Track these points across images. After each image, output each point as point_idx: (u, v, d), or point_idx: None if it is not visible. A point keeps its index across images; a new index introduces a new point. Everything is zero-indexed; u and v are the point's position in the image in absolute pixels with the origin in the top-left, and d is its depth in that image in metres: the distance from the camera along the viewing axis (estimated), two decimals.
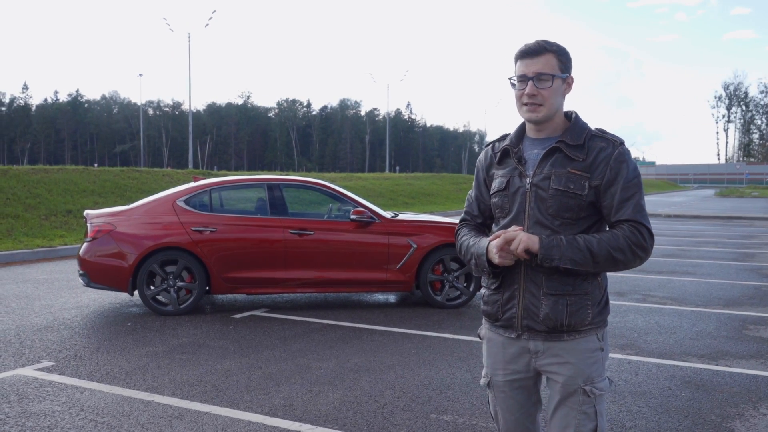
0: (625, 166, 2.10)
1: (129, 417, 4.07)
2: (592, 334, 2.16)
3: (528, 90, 2.11)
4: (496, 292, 2.21)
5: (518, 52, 2.15)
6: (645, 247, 2.08)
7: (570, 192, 2.09)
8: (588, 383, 2.13)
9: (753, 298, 8.32)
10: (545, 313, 2.11)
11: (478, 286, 7.56)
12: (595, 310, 2.14)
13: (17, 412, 4.13)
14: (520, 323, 2.16)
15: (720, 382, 4.86)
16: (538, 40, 2.14)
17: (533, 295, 2.13)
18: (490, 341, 2.29)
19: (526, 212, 2.14)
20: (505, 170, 2.22)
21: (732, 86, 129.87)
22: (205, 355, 5.48)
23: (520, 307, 2.15)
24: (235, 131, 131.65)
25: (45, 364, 5.19)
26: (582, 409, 2.13)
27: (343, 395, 4.51)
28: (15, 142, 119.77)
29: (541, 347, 2.16)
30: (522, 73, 2.13)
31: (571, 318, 2.11)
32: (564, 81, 2.15)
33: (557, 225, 2.11)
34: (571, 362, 2.13)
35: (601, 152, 2.11)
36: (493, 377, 2.28)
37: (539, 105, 2.11)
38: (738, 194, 57.79)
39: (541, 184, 2.12)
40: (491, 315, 2.24)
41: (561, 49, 2.14)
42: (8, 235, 12.81)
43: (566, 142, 2.13)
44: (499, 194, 2.21)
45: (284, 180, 7.81)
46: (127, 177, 19.91)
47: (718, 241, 16.14)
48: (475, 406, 4.31)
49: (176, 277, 7.09)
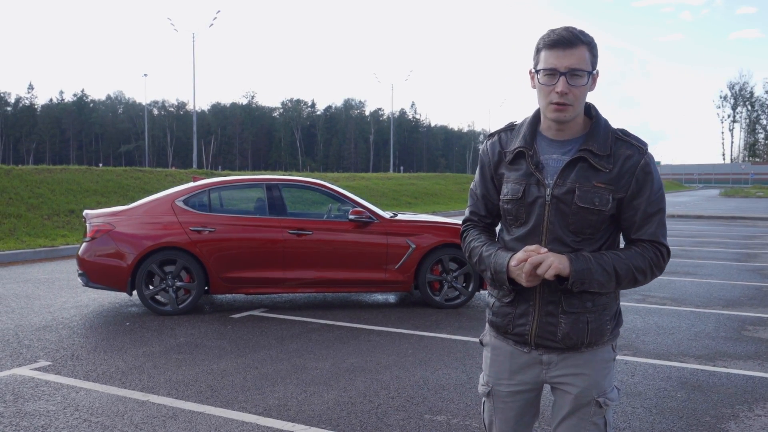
0: (651, 178, 1.96)
1: (123, 417, 4.08)
2: (608, 345, 2.07)
3: (560, 87, 1.86)
4: (509, 305, 2.07)
5: (547, 40, 1.88)
6: (663, 268, 2.01)
7: (594, 209, 1.93)
8: (601, 395, 2.04)
9: (753, 298, 8.29)
10: (565, 332, 1.99)
11: (477, 286, 7.56)
12: (612, 324, 2.05)
13: (12, 412, 4.15)
14: (533, 340, 2.03)
15: (716, 383, 4.85)
16: (569, 28, 1.88)
17: (550, 313, 1.99)
18: (497, 349, 2.15)
19: (545, 226, 1.97)
20: (518, 174, 2.01)
21: (737, 86, 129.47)
22: (201, 355, 5.49)
23: (534, 324, 2.02)
24: (239, 131, 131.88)
25: (42, 364, 5.20)
26: (593, 420, 2.04)
27: (338, 395, 4.51)
28: (20, 141, 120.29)
29: (555, 359, 2.05)
30: (552, 67, 1.86)
31: (592, 335, 2.01)
32: (593, 77, 1.93)
33: (577, 241, 1.97)
34: (587, 374, 2.03)
35: (627, 161, 1.95)
36: (495, 387, 2.14)
37: (568, 105, 1.89)
38: (743, 194, 57.58)
39: (563, 197, 1.94)
40: (500, 327, 2.11)
41: (592, 41, 1.91)
42: (11, 235, 12.86)
43: (592, 151, 1.93)
44: (514, 202, 2.02)
45: (283, 180, 7.81)
46: (130, 177, 19.96)
47: (721, 241, 16.09)
48: (470, 407, 4.30)
49: (175, 277, 7.10)
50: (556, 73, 1.87)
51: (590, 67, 1.89)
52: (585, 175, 1.94)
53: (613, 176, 1.95)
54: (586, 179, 1.94)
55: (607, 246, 2.02)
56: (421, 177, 38.50)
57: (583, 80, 1.87)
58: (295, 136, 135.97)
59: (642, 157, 1.96)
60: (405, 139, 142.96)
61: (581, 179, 1.94)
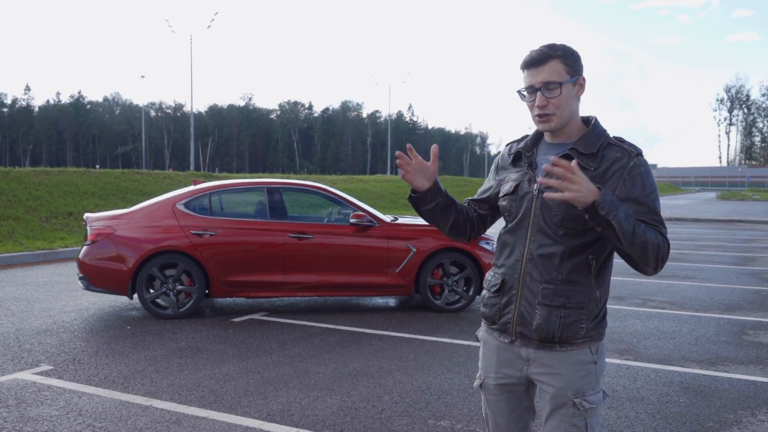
0: (640, 180, 1.99)
1: (126, 422, 4.07)
2: (585, 347, 2.10)
3: (538, 101, 2.04)
4: (495, 295, 2.19)
5: (522, 62, 2.08)
6: (665, 258, 1.98)
7: None
8: (578, 396, 2.07)
9: (753, 302, 8.31)
10: (538, 323, 2.07)
11: (478, 290, 7.56)
12: (589, 324, 2.08)
13: (15, 417, 4.13)
14: (514, 329, 2.14)
15: (718, 388, 4.85)
16: (541, 46, 2.05)
17: (529, 303, 2.09)
18: (486, 343, 2.27)
19: (531, 219, 2.10)
20: (516, 174, 2.19)
21: (734, 89, 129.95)
22: (203, 360, 5.48)
23: (515, 313, 2.13)
24: (236, 133, 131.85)
25: (43, 368, 5.19)
26: (572, 422, 2.08)
27: (341, 400, 4.51)
28: (17, 143, 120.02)
29: (533, 355, 2.13)
30: (529, 84, 2.06)
31: (564, 331, 2.06)
32: (575, 84, 2.05)
33: (560, 234, 2.05)
34: (561, 373, 2.09)
35: (615, 163, 2.02)
36: (485, 379, 2.26)
37: (551, 115, 2.04)
38: (739, 197, 57.72)
39: (548, 191, 2.03)
40: (489, 317, 2.23)
41: (567, 52, 2.04)
42: (9, 237, 12.83)
43: (578, 150, 2.05)
44: (508, 198, 2.17)
45: (284, 183, 7.81)
46: (128, 179, 19.93)
47: (719, 244, 16.13)
48: (473, 412, 4.30)
49: (176, 280, 7.09)
50: (533, 90, 2.05)
51: (565, 77, 2.03)
52: None
53: (597, 174, 2.02)
54: None
55: (597, 247, 2.06)
56: None
57: (556, 91, 2.02)
58: (293, 138, 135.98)
59: (631, 160, 2.02)
60: (402, 141, 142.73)
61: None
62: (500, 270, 2.19)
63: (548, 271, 2.06)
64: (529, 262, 2.09)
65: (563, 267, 2.05)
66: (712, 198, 59.42)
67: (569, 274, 2.05)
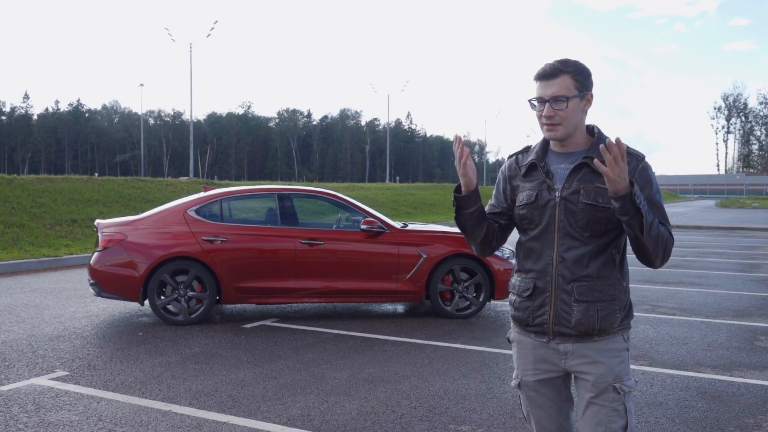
0: (649, 180, 2.19)
1: (148, 427, 4.07)
2: (619, 335, 2.25)
3: (545, 112, 2.20)
4: (528, 299, 2.30)
5: (536, 74, 2.23)
6: (670, 250, 2.16)
7: (599, 206, 2.16)
8: (617, 381, 2.21)
9: (762, 309, 8.32)
10: (577, 319, 2.21)
11: (488, 296, 7.57)
12: (622, 314, 2.24)
13: (35, 422, 4.13)
14: (551, 329, 2.26)
15: (735, 393, 4.86)
16: (554, 61, 2.21)
17: (564, 302, 2.22)
18: (521, 343, 2.37)
19: (556, 224, 2.23)
20: (532, 183, 2.30)
21: (731, 97, 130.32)
22: (218, 365, 5.48)
23: (551, 314, 2.24)
24: (235, 141, 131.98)
25: (59, 374, 5.18)
26: (613, 406, 2.20)
27: (360, 405, 4.51)
28: (16, 151, 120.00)
29: (570, 348, 2.25)
30: (539, 96, 2.21)
31: (602, 322, 2.20)
32: (582, 98, 2.21)
33: (586, 236, 2.20)
34: (601, 361, 2.22)
35: (626, 166, 2.10)
36: (523, 377, 2.37)
37: (557, 125, 2.20)
38: (738, 205, 57.83)
39: (570, 197, 2.21)
40: (522, 320, 2.33)
41: (578, 69, 2.20)
42: (14, 245, 12.82)
43: (593, 157, 2.17)
44: (528, 206, 2.28)
45: (294, 190, 7.83)
46: (131, 186, 19.94)
47: (722, 251, 16.16)
48: (493, 417, 4.31)
49: (187, 286, 7.09)
50: (543, 101, 2.21)
51: (573, 92, 2.18)
52: (588, 178, 2.20)
53: None
54: (590, 181, 2.20)
55: (614, 246, 2.24)
56: (419, 187, 38.58)
57: (563, 104, 2.18)
58: (291, 146, 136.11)
59: (639, 163, 2.20)
60: (401, 149, 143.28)
61: (585, 181, 2.21)
62: (529, 275, 2.31)
63: (579, 270, 2.21)
64: (559, 264, 2.23)
65: (593, 265, 2.21)
66: (712, 206, 59.51)
67: (599, 270, 2.21)
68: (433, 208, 31.25)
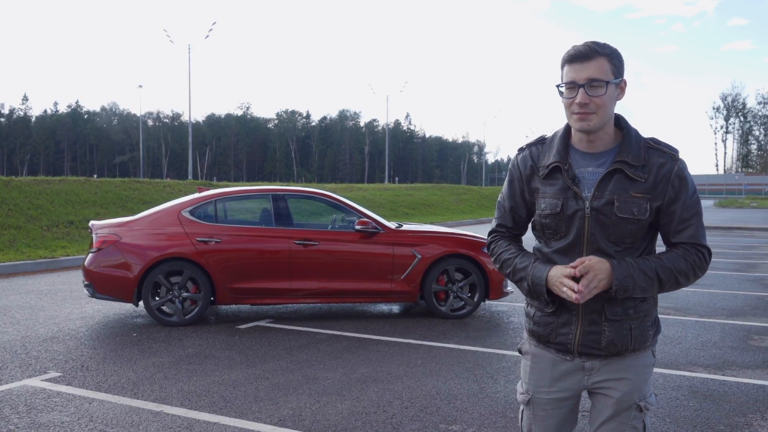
0: (686, 183, 2.00)
1: (139, 427, 4.07)
2: (649, 351, 2.12)
3: (579, 98, 1.93)
4: (551, 315, 2.09)
5: (566, 55, 1.96)
6: (705, 269, 2.04)
7: (633, 218, 1.97)
8: (642, 399, 2.08)
9: (756, 308, 8.33)
10: (609, 339, 2.03)
11: (483, 296, 7.57)
12: (653, 329, 2.11)
13: (26, 423, 4.13)
14: (576, 349, 2.07)
15: (727, 392, 4.87)
16: (587, 42, 1.95)
17: (594, 322, 2.03)
18: (537, 358, 2.16)
19: (585, 238, 2.01)
20: (554, 189, 2.04)
21: (730, 97, 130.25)
22: (211, 366, 5.48)
23: (578, 333, 2.05)
24: (234, 142, 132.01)
25: (52, 375, 5.19)
26: (632, 424, 2.08)
27: (352, 405, 4.51)
28: (14, 153, 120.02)
29: (598, 365, 2.08)
30: (571, 80, 1.94)
31: (636, 342, 2.05)
32: (618, 86, 1.97)
33: (618, 251, 2.00)
34: (629, 378, 2.07)
35: (661, 169, 1.99)
36: (535, 394, 2.17)
37: (591, 113, 1.94)
38: (737, 205, 57.84)
39: (603, 209, 1.98)
40: (542, 336, 2.13)
41: (614, 52, 1.96)
42: (10, 246, 12.82)
43: (627, 162, 1.97)
44: (553, 217, 2.04)
45: (289, 191, 7.84)
46: (129, 188, 19.94)
47: (720, 251, 16.16)
48: (484, 417, 4.31)
49: (181, 287, 7.10)
50: (575, 86, 1.94)
51: (610, 77, 1.93)
52: (622, 186, 1.98)
53: (649, 185, 1.98)
54: (624, 190, 1.97)
55: (646, 252, 2.06)
56: (418, 188, 38.56)
57: (601, 90, 1.92)
58: (290, 147, 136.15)
59: (675, 164, 2.00)
60: (400, 150, 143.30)
61: (619, 190, 1.97)
62: None
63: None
64: None
65: None
66: (710, 206, 59.52)
67: None
68: (432, 209, 31.26)
